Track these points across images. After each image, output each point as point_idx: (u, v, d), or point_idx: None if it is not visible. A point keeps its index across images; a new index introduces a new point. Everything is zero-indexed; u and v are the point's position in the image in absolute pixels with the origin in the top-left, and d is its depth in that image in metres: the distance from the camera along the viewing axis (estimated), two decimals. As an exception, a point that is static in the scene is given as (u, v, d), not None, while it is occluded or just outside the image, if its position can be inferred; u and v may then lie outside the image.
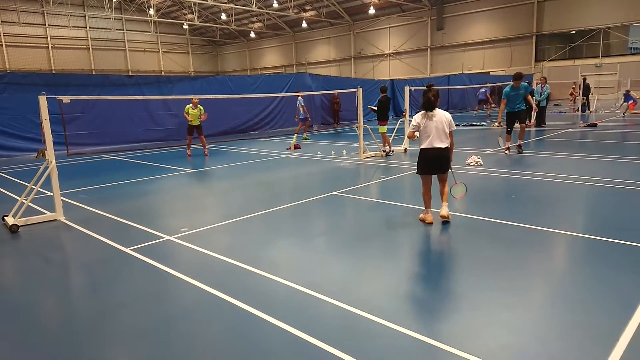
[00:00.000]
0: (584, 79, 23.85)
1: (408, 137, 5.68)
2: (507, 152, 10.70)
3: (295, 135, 16.15)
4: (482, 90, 24.85)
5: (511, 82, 10.57)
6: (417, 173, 5.71)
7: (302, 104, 16.25)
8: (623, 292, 3.57)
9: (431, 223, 5.52)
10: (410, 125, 5.61)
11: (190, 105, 12.32)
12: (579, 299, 3.52)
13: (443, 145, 5.48)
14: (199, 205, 7.35)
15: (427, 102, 5.47)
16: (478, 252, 4.59)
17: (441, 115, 5.49)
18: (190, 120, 12.38)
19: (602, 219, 5.63)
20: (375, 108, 11.91)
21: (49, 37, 45.03)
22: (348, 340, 3.00)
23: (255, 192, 8.08)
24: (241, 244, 5.17)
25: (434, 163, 5.53)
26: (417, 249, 4.96)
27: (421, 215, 5.69)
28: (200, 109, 12.40)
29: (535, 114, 17.59)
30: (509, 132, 10.85)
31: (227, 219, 6.14)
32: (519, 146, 10.97)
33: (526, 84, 11.28)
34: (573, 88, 24.63)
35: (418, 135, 5.61)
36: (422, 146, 5.57)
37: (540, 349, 2.84)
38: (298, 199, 7.10)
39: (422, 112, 5.55)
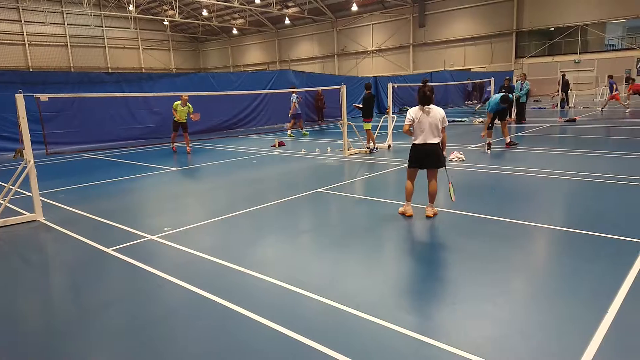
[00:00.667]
0: (563, 75, 24.27)
1: (404, 131, 5.66)
2: (488, 148, 10.85)
3: (303, 130, 16.70)
4: (488, 89, 25.22)
5: (497, 98, 10.77)
6: (408, 167, 5.76)
7: (295, 100, 16.39)
8: (600, 283, 3.66)
9: (411, 216, 5.58)
10: (406, 119, 5.61)
11: (179, 102, 12.20)
12: (559, 291, 3.60)
13: (435, 141, 5.54)
14: (182, 204, 7.28)
15: (424, 96, 5.49)
16: (461, 247, 4.65)
17: (436, 111, 5.54)
18: (178, 118, 12.29)
19: (580, 212, 5.75)
20: (360, 105, 11.94)
21: (25, 33, 43.89)
22: (335, 336, 3.02)
23: (240, 190, 8.04)
24: (226, 243, 5.15)
25: (426, 158, 5.60)
26: (402, 245, 5.00)
27: (401, 209, 5.76)
28: (189, 107, 12.31)
29: (515, 109, 17.92)
30: (489, 129, 11.05)
31: (211, 217, 6.10)
32: (510, 142, 11.24)
33: (510, 96, 11.76)
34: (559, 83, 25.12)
35: (412, 129, 5.66)
36: (416, 141, 5.59)
37: (523, 341, 2.90)
38: (283, 197, 7.08)
39: (418, 106, 5.57)
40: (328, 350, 2.85)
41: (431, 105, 5.54)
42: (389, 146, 12.10)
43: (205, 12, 48.07)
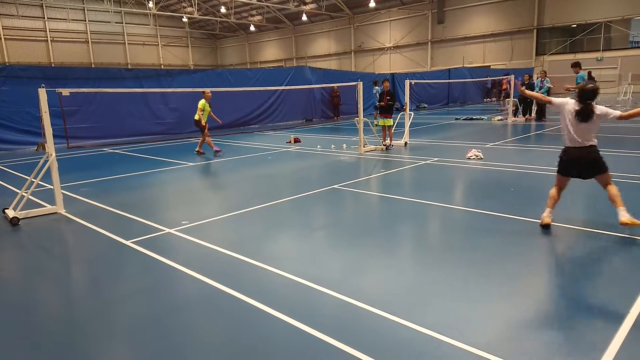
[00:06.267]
0: (589, 73, 23.73)
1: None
2: None
3: (377, 121, 17.00)
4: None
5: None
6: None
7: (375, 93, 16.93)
8: (622, 284, 3.58)
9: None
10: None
11: (205, 100, 11.22)
12: (578, 289, 3.54)
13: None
14: (199, 198, 7.35)
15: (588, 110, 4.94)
16: (477, 245, 4.60)
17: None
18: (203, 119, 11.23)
19: (601, 212, 5.62)
20: (383, 103, 11.86)
21: (47, 30, 44.76)
22: (349, 332, 3.02)
23: (256, 185, 8.08)
24: (242, 237, 5.18)
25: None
26: (417, 242, 4.97)
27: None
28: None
29: (535, 107, 17.64)
30: None
31: (228, 212, 6.15)
32: None
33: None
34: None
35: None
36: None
37: (540, 341, 2.86)
38: (299, 193, 7.10)
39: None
40: (342, 345, 2.85)
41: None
42: (406, 143, 12.02)
43: (223, 9, 48.30)
